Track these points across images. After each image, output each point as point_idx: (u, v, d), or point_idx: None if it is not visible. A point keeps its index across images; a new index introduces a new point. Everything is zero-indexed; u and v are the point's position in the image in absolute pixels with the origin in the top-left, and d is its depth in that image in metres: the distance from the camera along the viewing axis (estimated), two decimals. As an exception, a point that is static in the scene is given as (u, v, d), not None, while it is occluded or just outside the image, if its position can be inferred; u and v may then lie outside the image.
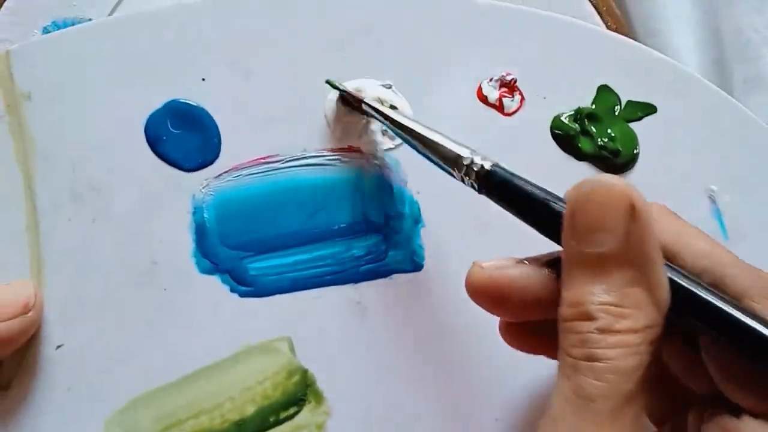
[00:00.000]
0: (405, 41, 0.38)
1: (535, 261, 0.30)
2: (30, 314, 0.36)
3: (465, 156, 0.32)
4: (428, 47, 0.39)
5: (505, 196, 0.30)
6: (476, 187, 0.31)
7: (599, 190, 0.26)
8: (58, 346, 0.37)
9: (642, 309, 0.26)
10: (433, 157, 0.33)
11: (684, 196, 0.38)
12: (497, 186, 0.30)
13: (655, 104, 0.39)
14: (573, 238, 0.27)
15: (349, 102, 0.37)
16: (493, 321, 0.36)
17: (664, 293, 0.26)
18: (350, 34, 0.38)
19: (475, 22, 0.39)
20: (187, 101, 0.38)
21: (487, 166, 0.31)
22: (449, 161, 0.32)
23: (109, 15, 0.42)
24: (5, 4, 0.41)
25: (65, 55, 0.38)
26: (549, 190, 0.29)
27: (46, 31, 0.42)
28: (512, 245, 0.36)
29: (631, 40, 0.39)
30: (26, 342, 0.37)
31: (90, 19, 0.42)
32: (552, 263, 0.29)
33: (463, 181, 0.32)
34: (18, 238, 0.37)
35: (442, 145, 0.33)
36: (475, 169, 0.31)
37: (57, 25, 0.42)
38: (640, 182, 0.37)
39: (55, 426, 0.37)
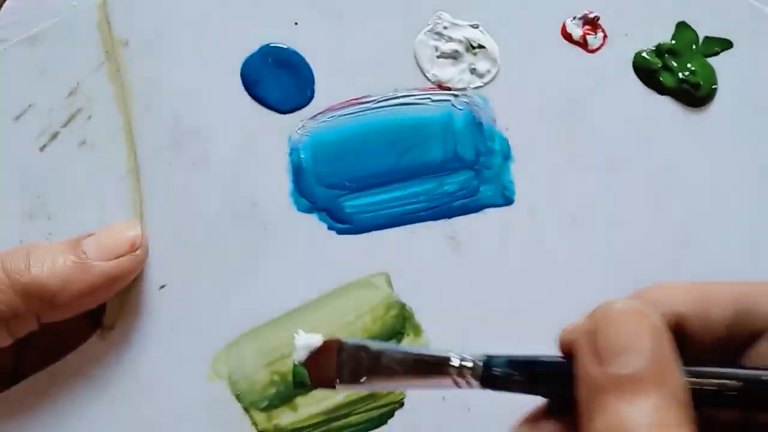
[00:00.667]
0: (491, -17, 0.40)
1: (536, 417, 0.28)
2: (137, 252, 0.37)
3: (453, 357, 0.27)
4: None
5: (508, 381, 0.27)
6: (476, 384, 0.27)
7: (619, 311, 0.26)
8: (162, 287, 0.38)
9: (681, 427, 0.25)
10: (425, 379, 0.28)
11: (761, 131, 0.40)
12: (498, 376, 0.27)
13: (731, 40, 0.40)
14: (597, 363, 0.26)
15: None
16: (586, 251, 0.37)
17: (690, 411, 0.25)
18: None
19: (559, -37, 0.40)
20: (281, 45, 0.39)
21: (479, 361, 0.27)
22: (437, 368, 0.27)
23: (109, 15, 0.42)
24: (5, 4, 0.41)
25: (161, 2, 0.39)
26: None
27: None
28: (596, 175, 0.38)
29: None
30: (130, 283, 0.38)
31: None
32: (551, 412, 0.28)
33: (458, 385, 0.27)
34: (120, 182, 0.38)
35: (426, 355, 0.28)
36: (469, 365, 0.27)
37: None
38: (717, 117, 0.38)
39: (159, 365, 0.38)
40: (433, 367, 0.27)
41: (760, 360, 0.27)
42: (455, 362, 0.27)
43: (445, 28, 0.39)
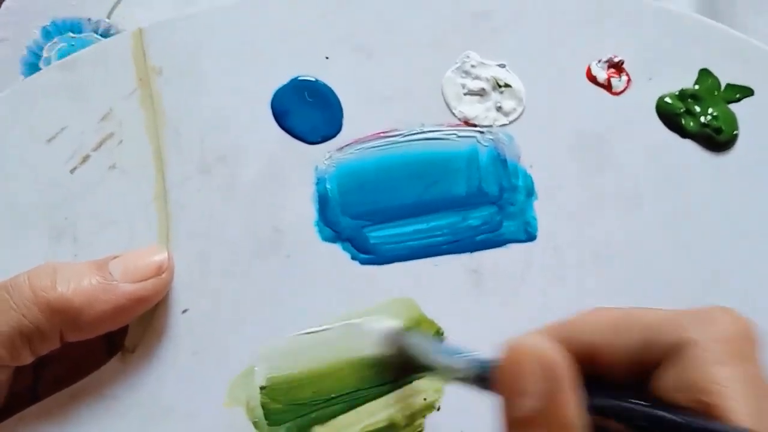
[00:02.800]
0: (520, 25, 0.41)
1: None
2: (163, 275, 0.37)
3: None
4: (541, 31, 0.41)
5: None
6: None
7: (518, 352, 0.27)
8: (184, 311, 0.38)
9: None
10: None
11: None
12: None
13: (752, 88, 0.41)
14: (502, 403, 0.27)
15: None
16: (606, 289, 0.37)
17: None
18: (468, 18, 0.41)
19: (586, 8, 0.41)
20: (311, 78, 0.40)
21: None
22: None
23: (108, 15, 0.44)
24: (5, 4, 0.42)
25: (196, 32, 0.40)
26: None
27: (45, 31, 0.43)
28: (618, 213, 0.38)
29: (729, 28, 0.42)
30: (153, 306, 0.38)
31: (89, 19, 0.44)
32: None
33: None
34: (147, 207, 0.39)
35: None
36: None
37: (56, 25, 0.43)
38: (739, 162, 0.39)
39: (179, 389, 0.38)
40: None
41: (660, 390, 0.27)
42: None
43: (472, 66, 0.40)
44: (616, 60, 0.40)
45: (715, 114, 0.40)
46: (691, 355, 0.26)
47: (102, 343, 0.38)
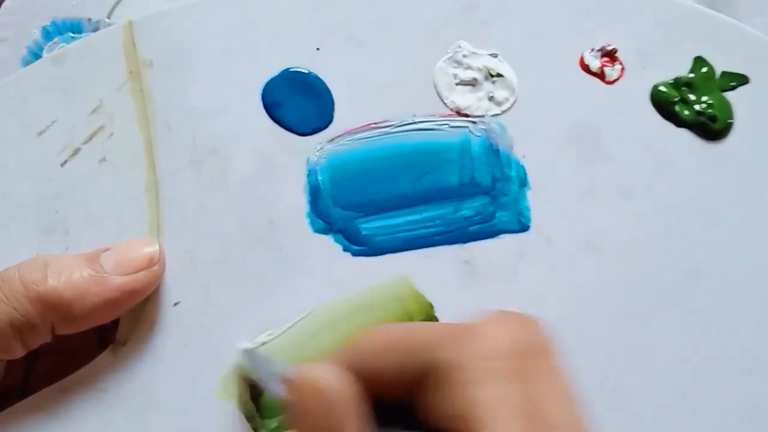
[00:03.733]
0: (512, 14, 0.40)
1: None
2: (155, 268, 0.37)
3: None
4: (533, 20, 0.40)
5: None
6: None
7: (297, 386, 0.26)
8: (176, 304, 0.38)
9: None
10: None
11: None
12: None
13: (747, 75, 0.41)
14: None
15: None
16: (600, 279, 0.37)
17: None
18: (460, 8, 0.40)
19: (577, -4, 0.41)
20: (302, 69, 0.40)
21: None
22: None
23: (108, 15, 0.43)
24: (5, 3, 0.42)
25: (186, 24, 0.40)
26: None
27: (45, 31, 0.43)
28: (611, 203, 0.38)
29: (725, 16, 0.41)
30: (144, 299, 0.38)
31: (89, 19, 0.43)
32: None
33: None
34: (138, 199, 0.39)
35: None
36: None
37: (56, 25, 0.43)
38: (733, 150, 0.39)
39: (170, 382, 0.38)
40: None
41: (428, 415, 0.25)
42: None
43: (464, 56, 0.40)
44: (610, 48, 0.40)
45: (710, 102, 0.40)
46: (450, 377, 0.24)
47: (94, 336, 0.38)
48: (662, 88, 0.40)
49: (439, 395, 0.25)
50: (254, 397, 0.37)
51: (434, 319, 0.38)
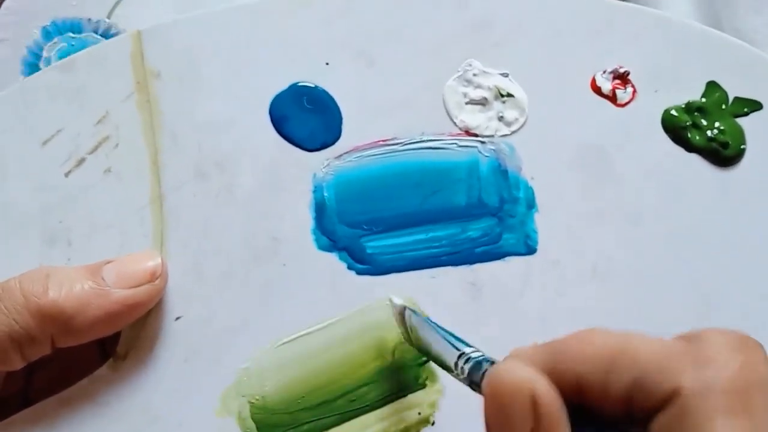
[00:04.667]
0: (523, 34, 0.40)
1: None
2: (156, 282, 0.37)
3: (463, 351, 0.30)
4: (545, 40, 0.40)
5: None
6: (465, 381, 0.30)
7: (499, 386, 0.25)
8: (177, 318, 0.38)
9: None
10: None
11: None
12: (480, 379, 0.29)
13: (760, 101, 0.40)
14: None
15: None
16: (605, 304, 0.37)
17: None
18: (471, 26, 0.40)
19: (591, 18, 0.40)
20: (311, 84, 0.39)
21: (471, 359, 0.30)
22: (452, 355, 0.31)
23: (108, 15, 0.43)
24: (5, 3, 0.41)
25: (195, 36, 0.39)
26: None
27: (45, 31, 0.43)
28: (620, 228, 0.37)
29: (738, 40, 0.41)
30: (146, 313, 0.37)
31: (89, 19, 0.43)
32: None
33: (457, 376, 0.30)
34: (142, 211, 0.38)
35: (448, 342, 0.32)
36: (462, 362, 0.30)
37: (56, 25, 0.43)
38: (745, 177, 0.38)
39: (170, 397, 0.37)
40: (449, 350, 0.31)
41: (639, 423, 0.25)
42: (462, 354, 0.30)
43: (474, 75, 0.39)
44: (622, 71, 0.40)
45: (721, 128, 0.39)
46: (685, 405, 0.24)
47: (94, 348, 0.38)
48: (674, 113, 0.40)
49: (673, 421, 0.24)
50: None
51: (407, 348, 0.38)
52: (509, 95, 0.39)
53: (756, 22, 0.46)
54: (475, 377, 0.29)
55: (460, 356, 0.30)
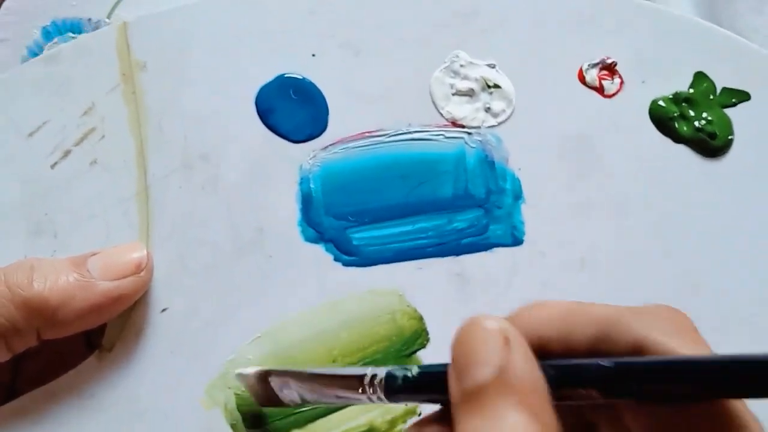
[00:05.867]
0: (510, 25, 0.40)
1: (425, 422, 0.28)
2: (142, 274, 0.37)
3: (366, 374, 0.29)
4: (532, 31, 0.40)
5: (409, 390, 0.29)
6: (384, 398, 0.29)
7: (472, 327, 0.26)
8: (163, 310, 0.38)
9: None
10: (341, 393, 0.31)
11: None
12: (401, 387, 0.29)
13: (748, 92, 0.40)
14: (454, 378, 0.26)
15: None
16: (592, 295, 0.36)
17: (548, 417, 0.25)
18: (457, 17, 0.40)
19: (578, 8, 0.40)
20: (297, 75, 0.39)
21: (382, 374, 0.29)
22: (353, 385, 0.30)
23: (108, 15, 0.43)
24: (5, 3, 0.41)
25: (181, 27, 0.39)
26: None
27: (45, 31, 0.42)
28: (607, 219, 0.37)
29: (726, 31, 0.41)
30: (131, 305, 0.37)
31: (89, 19, 0.43)
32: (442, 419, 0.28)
33: (371, 400, 0.30)
34: (128, 203, 0.38)
35: (341, 375, 0.31)
36: (376, 381, 0.29)
37: (56, 25, 0.43)
38: (732, 168, 0.38)
39: (156, 389, 0.37)
40: (348, 381, 0.30)
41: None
42: (367, 375, 0.29)
43: (461, 66, 0.39)
44: (609, 62, 0.40)
45: (709, 118, 0.39)
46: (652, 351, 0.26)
47: (80, 340, 0.38)
48: (661, 103, 0.40)
49: None
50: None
51: (424, 333, 0.38)
52: (496, 86, 0.39)
53: (756, 22, 0.46)
54: (394, 384, 0.29)
55: (362, 380, 0.29)
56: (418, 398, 0.29)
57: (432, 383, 0.28)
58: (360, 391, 0.29)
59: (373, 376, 0.29)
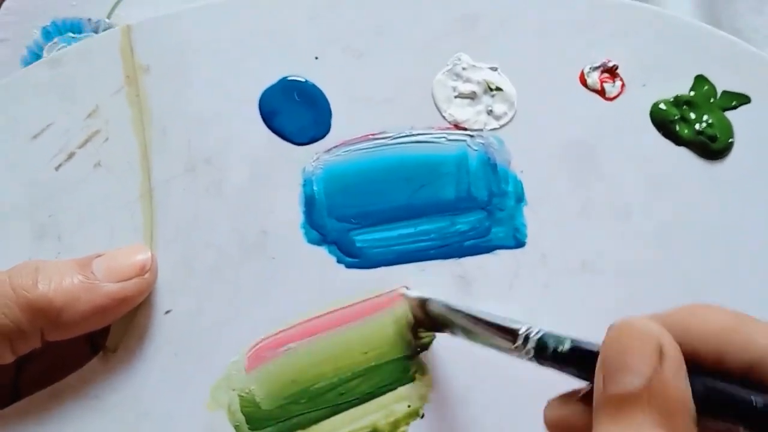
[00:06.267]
0: (512, 28, 0.40)
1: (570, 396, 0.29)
2: (146, 276, 0.37)
3: (521, 330, 0.31)
4: (533, 34, 0.40)
5: (558, 360, 0.29)
6: (533, 358, 0.30)
7: (627, 330, 0.26)
8: (167, 312, 0.38)
9: None
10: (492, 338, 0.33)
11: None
12: (549, 356, 0.29)
13: (749, 95, 0.40)
14: (601, 379, 0.26)
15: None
16: (594, 298, 0.37)
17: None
18: (460, 21, 0.40)
19: (580, 11, 0.40)
20: (300, 78, 0.39)
21: (535, 336, 0.30)
22: (507, 337, 0.31)
23: (108, 16, 0.43)
24: (5, 4, 0.42)
25: (184, 31, 0.40)
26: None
27: (45, 31, 0.43)
28: (609, 222, 0.37)
29: (727, 34, 0.41)
30: (136, 306, 0.37)
31: (89, 19, 0.43)
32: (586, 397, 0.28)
33: (519, 355, 0.31)
34: (132, 205, 0.38)
35: (496, 324, 0.32)
36: (529, 342, 0.30)
37: (56, 25, 0.43)
38: (733, 170, 0.38)
39: (160, 390, 0.38)
40: (502, 332, 0.32)
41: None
42: (521, 333, 0.30)
43: (464, 69, 0.39)
44: (610, 65, 0.40)
45: (710, 121, 0.39)
46: None
47: (84, 342, 0.38)
48: (662, 106, 0.40)
49: None
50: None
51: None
52: (498, 89, 0.39)
53: (756, 22, 0.46)
54: (544, 352, 0.29)
55: (515, 334, 0.31)
56: (566, 371, 0.29)
57: (581, 363, 0.28)
58: (512, 345, 0.31)
59: (527, 337, 0.30)
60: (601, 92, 0.40)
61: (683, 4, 0.47)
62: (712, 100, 0.40)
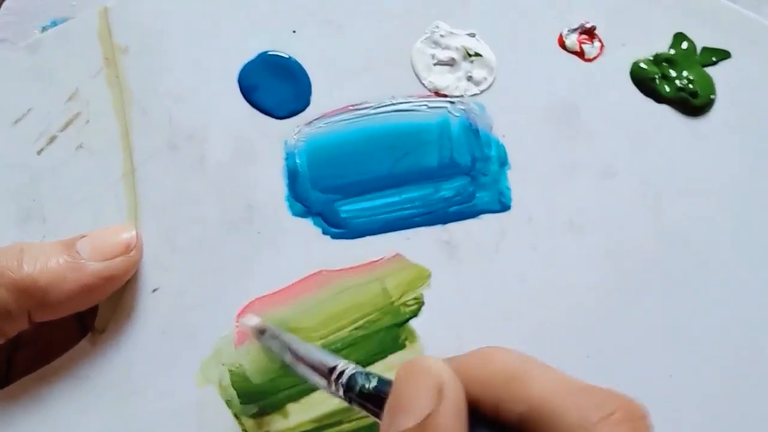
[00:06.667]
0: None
1: None
2: (132, 254, 0.37)
3: (338, 367, 0.30)
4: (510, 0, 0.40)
5: (362, 398, 0.29)
6: (343, 396, 0.30)
7: (411, 369, 0.26)
8: (154, 290, 0.38)
9: None
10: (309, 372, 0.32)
11: (758, 141, 0.40)
12: (355, 394, 0.29)
13: (728, 50, 0.40)
14: (385, 417, 0.26)
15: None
16: (581, 258, 0.37)
17: None
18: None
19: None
20: (279, 52, 0.39)
21: (348, 373, 0.29)
22: (322, 371, 0.31)
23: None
24: (5, 3, 0.42)
25: (161, 9, 0.40)
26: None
27: (45, 31, 0.42)
28: (593, 181, 0.37)
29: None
30: (122, 286, 0.37)
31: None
32: None
33: (332, 392, 0.30)
34: (115, 185, 0.38)
35: (313, 360, 0.32)
36: (342, 379, 0.30)
37: (56, 25, 0.42)
38: (715, 126, 0.38)
39: (150, 368, 0.38)
40: (318, 366, 0.31)
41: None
42: (336, 369, 0.30)
43: (442, 36, 0.39)
44: (588, 26, 0.40)
45: (690, 77, 0.39)
46: None
47: (73, 324, 0.38)
48: (642, 65, 0.40)
49: None
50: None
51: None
52: (477, 55, 0.39)
53: (759, 13, 0.46)
54: (352, 391, 0.29)
55: (332, 370, 0.30)
56: (370, 411, 0.28)
57: (380, 402, 0.27)
58: (326, 382, 0.30)
59: (341, 373, 0.29)
60: (581, 54, 0.40)
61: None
62: (692, 57, 0.40)
